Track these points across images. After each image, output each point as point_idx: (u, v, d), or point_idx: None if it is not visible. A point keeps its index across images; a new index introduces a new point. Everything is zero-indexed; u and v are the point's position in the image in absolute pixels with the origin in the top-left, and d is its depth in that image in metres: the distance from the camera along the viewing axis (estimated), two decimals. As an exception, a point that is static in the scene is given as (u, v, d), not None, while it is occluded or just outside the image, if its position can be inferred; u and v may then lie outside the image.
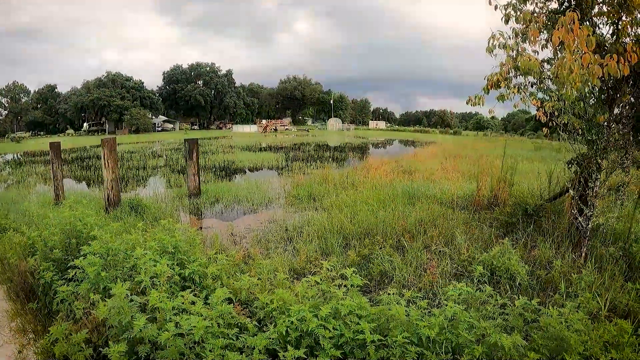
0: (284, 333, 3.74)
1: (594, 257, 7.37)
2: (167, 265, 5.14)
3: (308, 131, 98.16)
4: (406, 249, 7.79)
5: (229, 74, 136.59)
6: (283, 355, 3.40)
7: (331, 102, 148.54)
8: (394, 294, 4.42)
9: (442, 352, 3.51)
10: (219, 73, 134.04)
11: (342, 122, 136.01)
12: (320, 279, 4.78)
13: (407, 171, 19.82)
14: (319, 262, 6.50)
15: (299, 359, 3.45)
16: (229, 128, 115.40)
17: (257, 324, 4.21)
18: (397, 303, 4.17)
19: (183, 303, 4.26)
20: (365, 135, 79.99)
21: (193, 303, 4.22)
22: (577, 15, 6.31)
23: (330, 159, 30.94)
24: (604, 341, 3.99)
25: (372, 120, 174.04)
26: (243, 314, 4.55)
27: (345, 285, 4.54)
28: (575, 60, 5.98)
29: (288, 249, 8.46)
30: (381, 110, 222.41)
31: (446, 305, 4.02)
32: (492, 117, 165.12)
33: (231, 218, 12.22)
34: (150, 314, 4.28)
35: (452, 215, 10.05)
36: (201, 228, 10.73)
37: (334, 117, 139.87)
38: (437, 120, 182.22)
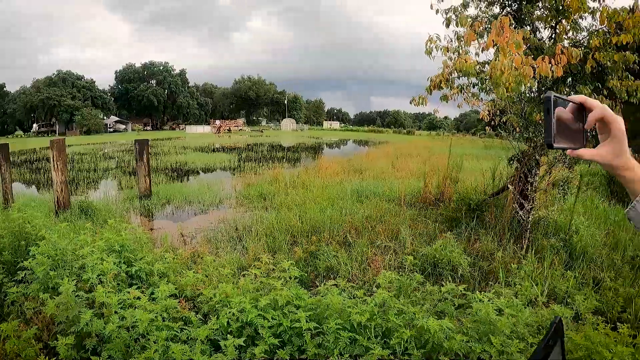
0: (226, 324, 3.86)
1: (535, 248, 7.80)
2: (114, 263, 5.20)
3: (262, 132, 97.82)
4: (352, 244, 8.01)
5: (182, 73, 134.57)
6: (224, 345, 3.53)
7: (285, 102, 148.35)
8: (331, 285, 4.60)
9: (372, 337, 3.69)
10: (172, 72, 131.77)
11: (296, 123, 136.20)
12: (260, 272, 4.94)
13: (357, 170, 20.14)
14: (270, 260, 6.69)
15: (240, 347, 3.58)
16: (182, 129, 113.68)
17: (201, 318, 4.33)
18: (339, 293, 4.38)
19: (129, 299, 4.34)
20: (319, 136, 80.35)
21: (138, 298, 4.29)
22: (510, 19, 6.65)
23: (283, 159, 31.04)
24: (538, 325, 4.26)
25: (326, 120, 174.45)
26: (188, 309, 4.67)
27: (284, 277, 4.69)
28: (507, 62, 6.29)
29: (237, 248, 8.55)
30: (335, 111, 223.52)
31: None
32: (445, 117, 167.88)
33: (182, 219, 12.24)
34: (98, 310, 4.35)
35: (399, 211, 10.34)
36: (152, 229, 10.72)
37: (288, 117, 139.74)
38: (391, 120, 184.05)
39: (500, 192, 9.71)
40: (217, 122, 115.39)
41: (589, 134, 1.27)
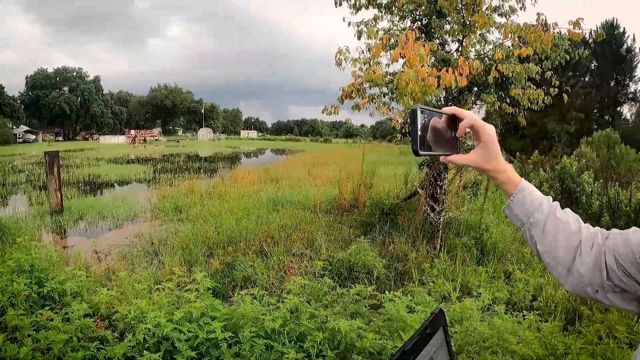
0: (142, 340, 3.85)
1: (447, 247, 8.21)
2: (25, 284, 5.07)
3: (179, 142, 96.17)
4: (269, 253, 8.09)
5: (96, 80, 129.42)
6: (141, 361, 3.53)
7: (202, 111, 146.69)
8: (245, 294, 4.68)
9: (287, 342, 3.80)
10: (86, 79, 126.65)
11: (214, 132, 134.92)
12: (174, 286, 4.95)
13: (274, 179, 20.25)
14: (184, 272, 6.66)
15: None
16: (96, 139, 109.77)
17: (118, 336, 4.29)
18: (254, 302, 4.46)
19: (42, 320, 4.25)
20: (236, 145, 79.97)
21: (51, 319, 4.22)
22: (416, 33, 7.00)
23: (199, 170, 30.70)
24: (451, 319, 4.50)
25: (243, 129, 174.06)
26: (104, 327, 4.61)
27: (197, 289, 4.71)
28: (412, 74, 6.60)
29: (154, 262, 8.45)
30: (253, 120, 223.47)
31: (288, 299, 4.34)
32: (362, 125, 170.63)
33: (95, 235, 11.88)
34: (10, 334, 4.23)
35: (315, 219, 10.51)
36: (64, 247, 10.38)
37: (205, 127, 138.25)
38: (308, 129, 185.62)
39: (412, 196, 10.07)
40: (132, 132, 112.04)
41: (462, 141, 1.44)
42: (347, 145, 74.86)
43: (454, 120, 1.40)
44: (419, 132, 1.28)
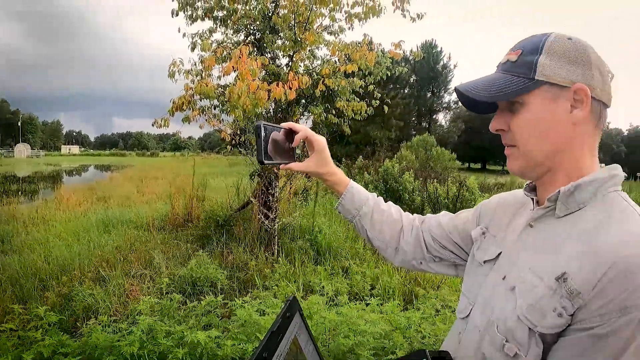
0: None
1: (285, 252, 8.55)
2: None
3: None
4: (107, 279, 7.80)
5: None
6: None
7: (19, 124, 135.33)
8: (92, 324, 4.53)
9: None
10: None
11: (32, 148, 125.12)
12: (15, 326, 4.64)
13: (101, 198, 19.25)
14: (24, 310, 6.20)
15: None
16: None
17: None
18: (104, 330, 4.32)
19: None
20: (57, 162, 74.73)
21: None
22: (250, 47, 7.26)
23: (18, 193, 28.39)
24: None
25: (64, 144, 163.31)
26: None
27: (42, 327, 4.42)
28: (244, 87, 6.82)
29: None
30: (75, 133, 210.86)
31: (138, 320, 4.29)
32: (189, 137, 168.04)
33: None
34: None
35: (150, 237, 10.25)
36: None
37: (22, 142, 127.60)
38: (134, 142, 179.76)
39: (245, 206, 10.26)
40: None
41: (298, 151, 1.70)
42: (176, 158, 73.38)
43: (290, 133, 1.63)
44: (262, 144, 1.49)
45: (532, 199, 1.30)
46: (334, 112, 9.31)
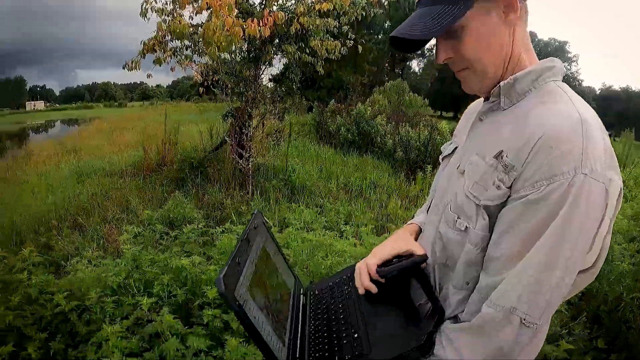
0: None
1: (259, 190, 8.72)
2: None
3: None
4: (84, 226, 7.82)
5: None
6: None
7: None
8: (76, 262, 4.54)
9: (136, 292, 3.84)
10: None
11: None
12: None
13: (71, 151, 18.88)
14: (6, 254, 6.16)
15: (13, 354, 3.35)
16: None
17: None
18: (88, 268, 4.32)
19: None
20: (23, 120, 72.60)
21: None
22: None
23: (-16, 154, 27.63)
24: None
25: (28, 101, 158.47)
26: None
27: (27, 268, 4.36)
28: (219, 23, 6.74)
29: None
30: (39, 89, 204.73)
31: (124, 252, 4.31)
32: (157, 86, 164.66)
33: None
34: None
35: (124, 184, 10.20)
36: None
37: None
38: (100, 94, 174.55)
39: (219, 146, 10.30)
40: None
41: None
42: (144, 108, 71.93)
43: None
44: None
45: (483, 97, 1.39)
46: (307, 51, 9.23)
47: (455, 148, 1.51)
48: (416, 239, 1.58)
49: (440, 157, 1.61)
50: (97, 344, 3.07)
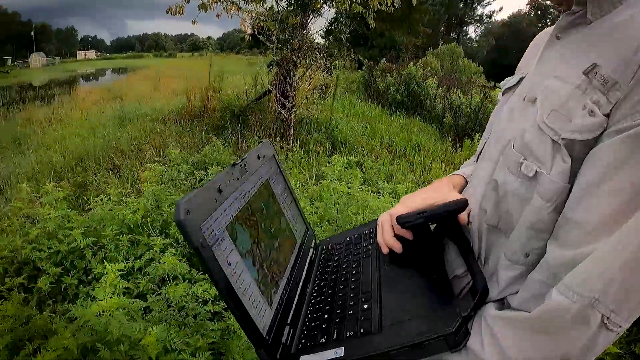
0: (2, 271, 3.49)
1: (300, 142, 8.49)
2: None
3: (8, 72, 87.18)
4: (121, 167, 7.73)
5: None
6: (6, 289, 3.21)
7: (32, 34, 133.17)
8: (98, 199, 4.38)
9: (152, 232, 3.69)
10: None
11: (47, 57, 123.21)
12: (24, 204, 4.50)
13: (117, 97, 19.10)
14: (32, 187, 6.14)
15: (23, 287, 3.32)
16: None
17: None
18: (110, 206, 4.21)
19: None
20: (74, 69, 74.05)
21: None
22: None
23: (35, 98, 28.19)
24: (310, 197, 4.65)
25: (80, 50, 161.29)
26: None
27: (49, 204, 4.25)
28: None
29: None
30: (90, 39, 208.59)
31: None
32: (208, 38, 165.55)
33: None
34: None
35: (164, 128, 10.16)
36: None
37: (37, 52, 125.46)
38: (151, 44, 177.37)
39: (262, 96, 10.09)
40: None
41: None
42: (194, 58, 72.57)
43: None
44: None
45: (559, 11, 0.98)
46: (358, 0, 8.60)
47: (522, 79, 1.09)
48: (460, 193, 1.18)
49: (500, 92, 1.20)
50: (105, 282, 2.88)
